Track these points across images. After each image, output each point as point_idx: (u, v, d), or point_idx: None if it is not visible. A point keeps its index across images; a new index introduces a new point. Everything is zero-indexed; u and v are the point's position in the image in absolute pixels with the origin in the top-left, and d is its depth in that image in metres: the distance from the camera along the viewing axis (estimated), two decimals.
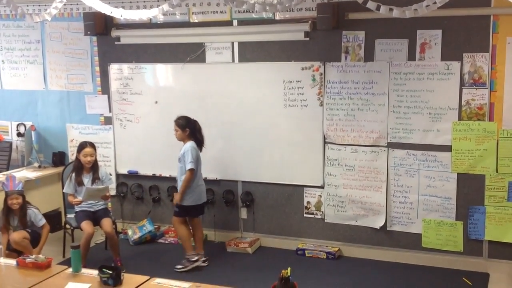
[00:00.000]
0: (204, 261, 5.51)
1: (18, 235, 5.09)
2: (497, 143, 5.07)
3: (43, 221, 5.29)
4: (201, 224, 5.74)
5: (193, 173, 5.41)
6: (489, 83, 5.04)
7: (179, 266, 5.47)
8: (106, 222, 5.45)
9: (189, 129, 5.49)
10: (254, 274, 5.33)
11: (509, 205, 5.10)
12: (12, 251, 5.07)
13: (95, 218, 5.51)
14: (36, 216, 5.29)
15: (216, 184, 6.21)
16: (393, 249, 5.57)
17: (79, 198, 5.47)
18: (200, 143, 5.56)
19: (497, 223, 5.16)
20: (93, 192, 5.44)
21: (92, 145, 5.60)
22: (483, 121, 5.09)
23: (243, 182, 6.12)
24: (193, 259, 5.47)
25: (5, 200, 5.20)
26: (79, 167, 5.56)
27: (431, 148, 5.30)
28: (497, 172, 5.10)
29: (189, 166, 5.37)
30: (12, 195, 5.15)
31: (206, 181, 6.16)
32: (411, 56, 5.24)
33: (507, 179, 5.08)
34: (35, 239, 5.22)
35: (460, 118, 5.16)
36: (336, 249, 5.72)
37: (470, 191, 5.23)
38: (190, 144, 5.45)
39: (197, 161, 5.44)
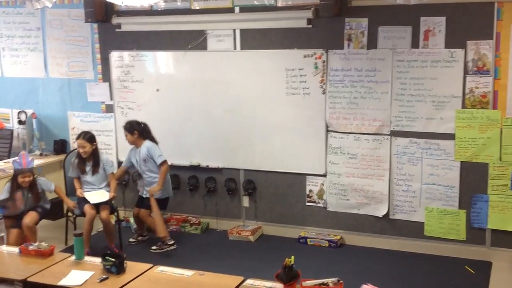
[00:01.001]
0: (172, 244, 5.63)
1: (30, 219, 5.15)
2: (501, 131, 5.04)
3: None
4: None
5: (167, 163, 5.65)
6: (493, 71, 5.00)
7: (154, 247, 5.65)
8: (103, 209, 5.49)
9: (138, 131, 5.68)
10: (256, 262, 5.33)
11: None
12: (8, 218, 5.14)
13: (96, 205, 5.52)
14: (45, 183, 5.45)
15: (218, 172, 6.19)
16: (395, 237, 5.56)
17: (82, 192, 5.57)
18: (155, 142, 5.77)
19: (500, 211, 5.15)
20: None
21: (86, 137, 5.55)
22: (486, 109, 5.06)
23: (245, 170, 6.10)
24: (170, 242, 5.58)
25: (15, 178, 5.20)
26: (80, 155, 5.59)
27: (434, 136, 5.28)
28: (500, 160, 5.08)
29: (162, 158, 5.62)
30: (24, 173, 5.19)
31: (209, 169, 6.18)
32: (415, 44, 5.20)
33: (510, 168, 5.06)
34: (45, 214, 5.47)
35: (463, 106, 5.13)
36: (338, 237, 5.72)
37: (473, 180, 5.22)
38: (149, 142, 5.69)
39: None
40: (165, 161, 5.62)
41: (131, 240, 5.92)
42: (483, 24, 4.97)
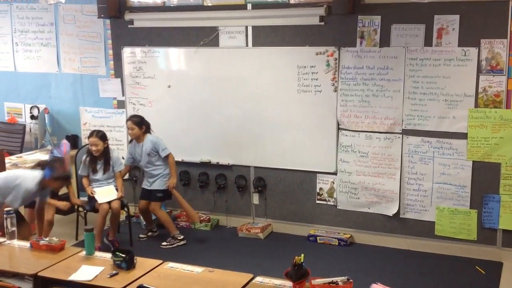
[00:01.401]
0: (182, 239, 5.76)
1: (49, 216, 5.32)
2: None
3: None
4: None
5: (172, 154, 5.77)
6: (506, 70, 4.95)
7: (164, 243, 5.70)
8: (115, 200, 5.52)
9: (145, 126, 5.73)
10: (265, 259, 5.32)
11: None
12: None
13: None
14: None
15: (228, 169, 6.19)
16: (406, 236, 5.54)
17: (92, 190, 5.58)
18: None
19: None
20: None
21: (99, 135, 5.58)
22: (500, 109, 5.01)
23: (255, 167, 6.10)
24: (179, 237, 5.70)
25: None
26: (91, 153, 5.61)
27: (447, 135, 5.24)
28: None
29: (167, 151, 5.71)
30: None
31: (219, 165, 6.19)
32: (428, 42, 5.16)
33: None
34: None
35: (476, 105, 5.09)
36: (348, 236, 5.70)
37: (485, 179, 5.18)
38: (152, 136, 5.76)
39: None
40: (170, 153, 5.71)
41: (141, 236, 5.94)
42: (497, 22, 4.92)
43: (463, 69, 5.07)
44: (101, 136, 5.59)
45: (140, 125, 5.69)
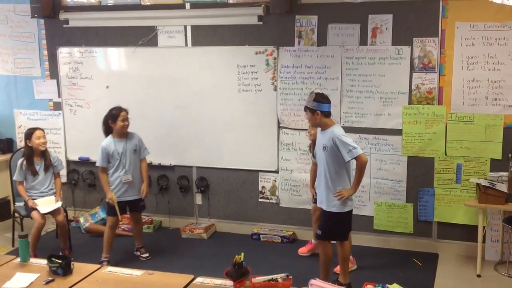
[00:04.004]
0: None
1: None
2: (446, 127, 5.19)
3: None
4: None
5: None
6: (438, 68, 5.13)
7: (145, 255, 5.39)
8: (58, 213, 5.30)
9: None
10: (209, 260, 5.32)
11: (457, 187, 5.24)
12: None
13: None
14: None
15: (170, 170, 6.15)
16: None
17: (34, 203, 5.24)
18: None
19: (446, 204, 5.30)
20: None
21: (41, 128, 5.43)
22: (432, 105, 5.19)
23: (198, 167, 6.08)
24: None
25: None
26: (29, 155, 5.35)
27: (383, 132, 5.38)
28: (445, 155, 5.23)
29: (148, 152, 5.35)
30: None
31: (161, 166, 6.13)
32: (363, 41, 5.28)
33: (455, 162, 5.21)
34: None
35: (410, 102, 5.25)
36: (291, 232, 5.77)
37: (419, 174, 5.35)
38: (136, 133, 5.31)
39: None
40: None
41: (143, 256, 5.41)
42: (429, 21, 5.09)
43: (397, 67, 5.22)
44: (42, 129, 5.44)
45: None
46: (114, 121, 5.09)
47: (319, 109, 4.24)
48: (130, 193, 5.19)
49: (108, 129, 5.18)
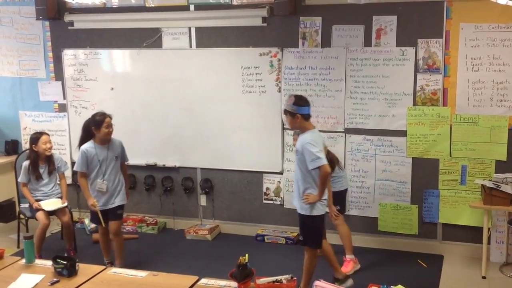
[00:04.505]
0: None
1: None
2: (451, 128, 5.17)
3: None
4: None
5: None
6: (442, 69, 5.12)
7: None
8: (63, 213, 5.33)
9: None
10: (213, 261, 5.32)
11: (462, 189, 5.23)
12: None
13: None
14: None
15: (175, 171, 6.15)
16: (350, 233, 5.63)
17: (38, 204, 5.26)
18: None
19: (450, 206, 5.29)
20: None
21: (47, 133, 5.49)
22: (437, 106, 5.18)
23: (202, 169, 6.08)
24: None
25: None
26: (35, 160, 5.37)
27: (387, 133, 5.38)
28: (450, 156, 5.21)
29: (128, 158, 5.18)
30: None
31: (165, 168, 6.14)
32: (367, 42, 5.28)
33: (460, 163, 5.20)
34: None
35: (414, 104, 5.24)
36: (295, 234, 5.75)
37: (424, 175, 5.34)
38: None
39: None
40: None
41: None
42: (433, 22, 5.09)
43: (401, 69, 5.22)
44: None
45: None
46: (98, 128, 4.78)
47: (299, 112, 4.21)
48: (107, 201, 4.90)
49: (87, 136, 4.87)
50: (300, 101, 4.24)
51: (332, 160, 4.76)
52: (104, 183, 4.84)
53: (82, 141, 4.90)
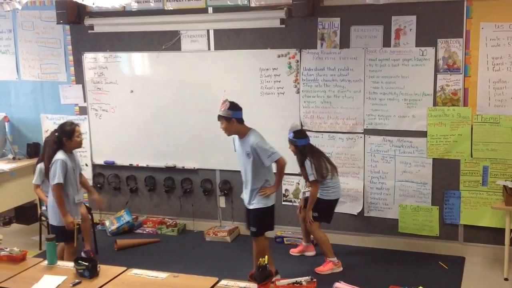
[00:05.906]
0: None
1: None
2: (472, 128, 5.12)
3: None
4: None
5: None
6: (463, 69, 5.07)
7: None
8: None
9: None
10: (233, 262, 5.33)
11: (483, 190, 5.17)
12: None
13: None
14: None
15: (194, 173, 6.18)
16: (370, 234, 5.62)
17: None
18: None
19: (472, 207, 5.23)
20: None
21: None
22: (457, 107, 5.13)
23: (221, 170, 6.10)
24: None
25: None
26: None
27: (407, 134, 5.34)
28: (471, 157, 5.16)
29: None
30: None
31: (184, 170, 6.17)
32: (386, 43, 5.25)
33: (481, 164, 5.14)
34: None
35: (435, 104, 5.19)
36: None
37: (445, 176, 5.29)
38: None
39: None
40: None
41: None
42: (453, 22, 5.04)
43: (421, 69, 5.17)
44: None
45: None
46: (70, 138, 4.57)
47: (234, 116, 4.45)
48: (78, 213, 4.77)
49: (58, 148, 4.59)
50: (234, 106, 4.49)
51: (324, 168, 5.01)
52: (80, 193, 4.76)
53: (52, 155, 4.59)
